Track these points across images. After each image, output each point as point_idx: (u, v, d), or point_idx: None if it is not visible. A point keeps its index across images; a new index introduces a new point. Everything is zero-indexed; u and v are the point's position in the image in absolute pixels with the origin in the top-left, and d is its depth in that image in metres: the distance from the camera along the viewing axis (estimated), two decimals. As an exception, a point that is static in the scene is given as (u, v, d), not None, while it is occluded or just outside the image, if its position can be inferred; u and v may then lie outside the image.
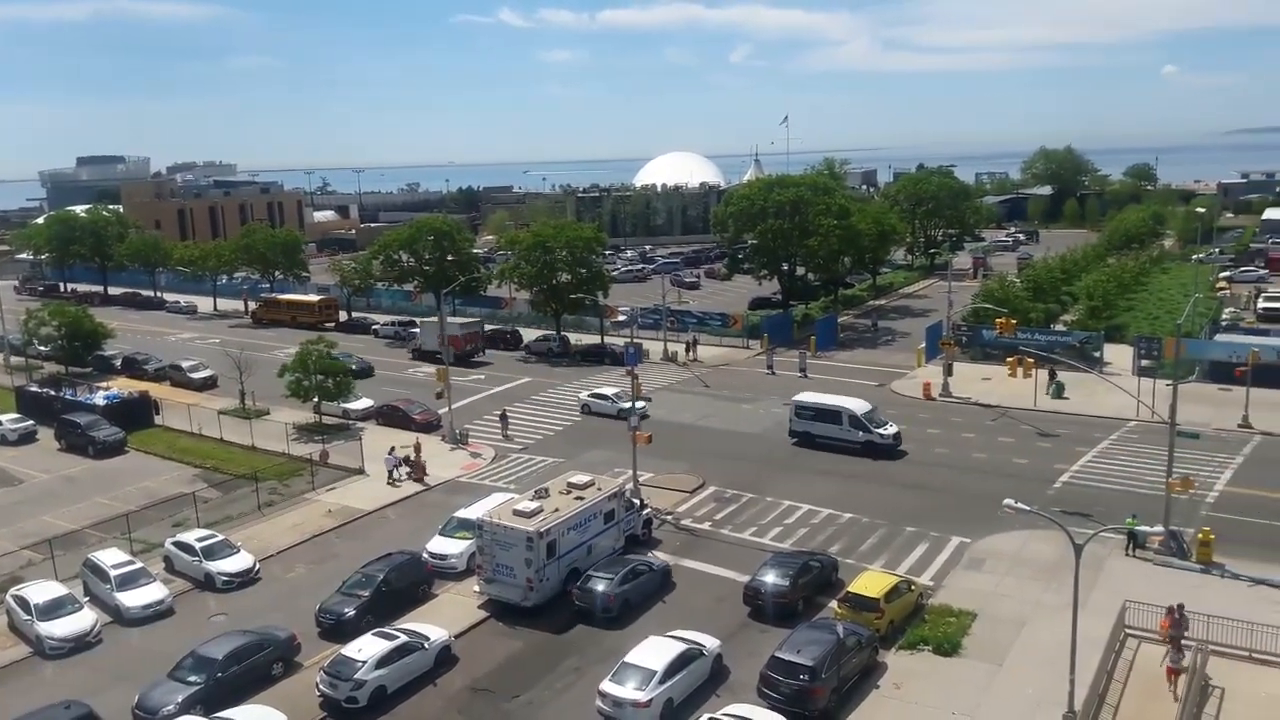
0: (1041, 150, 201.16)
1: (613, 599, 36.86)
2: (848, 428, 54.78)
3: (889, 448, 54.05)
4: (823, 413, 55.91)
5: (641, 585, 38.03)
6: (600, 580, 37.37)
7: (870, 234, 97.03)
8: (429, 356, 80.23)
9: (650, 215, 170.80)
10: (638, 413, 50.23)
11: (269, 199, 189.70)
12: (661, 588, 39.05)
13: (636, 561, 39.29)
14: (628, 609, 37.14)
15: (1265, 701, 29.29)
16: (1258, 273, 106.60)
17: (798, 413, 56.66)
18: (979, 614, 35.54)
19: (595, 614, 36.89)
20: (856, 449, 54.12)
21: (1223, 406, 58.44)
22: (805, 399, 57.69)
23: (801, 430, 56.41)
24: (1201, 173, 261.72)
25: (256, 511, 48.58)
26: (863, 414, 54.98)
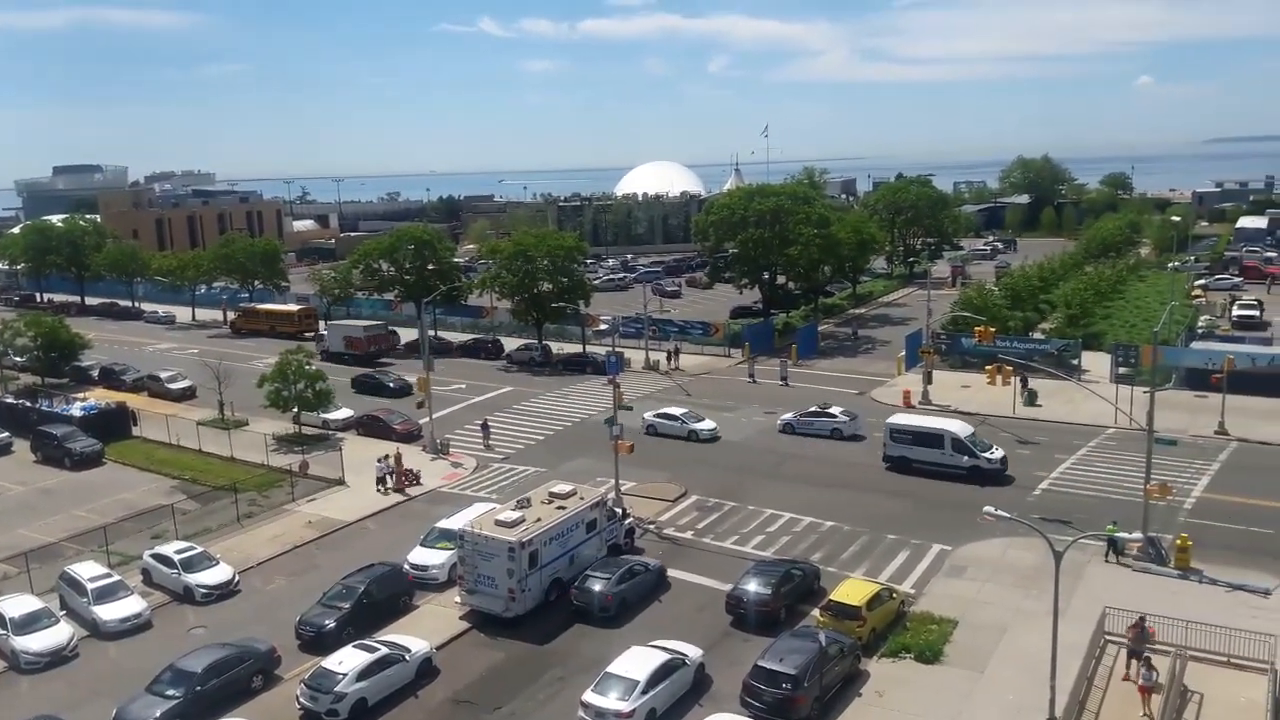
0: (1019, 160, 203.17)
1: (610, 598, 37.43)
2: (950, 452, 50.77)
3: (996, 473, 50.16)
4: (922, 436, 51.58)
5: (638, 585, 38.73)
6: (598, 580, 37.99)
7: (850, 243, 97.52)
8: (336, 358, 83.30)
9: (631, 224, 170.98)
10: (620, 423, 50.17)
11: (248, 208, 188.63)
12: (657, 587, 39.67)
13: (633, 562, 40.00)
14: (625, 608, 37.74)
15: (1243, 706, 29.50)
16: (1232, 280, 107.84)
17: (893, 436, 52.40)
18: (960, 621, 35.69)
19: (593, 613, 37.41)
20: (960, 475, 50.15)
21: (1199, 413, 59.02)
22: (902, 421, 53.48)
23: (897, 455, 52.19)
24: (1176, 182, 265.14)
25: (236, 523, 48.21)
26: (966, 437, 51.24)
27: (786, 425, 60.60)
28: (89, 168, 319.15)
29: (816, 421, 59.74)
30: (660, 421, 61.14)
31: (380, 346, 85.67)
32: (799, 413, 61.14)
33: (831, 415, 59.88)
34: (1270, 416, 58.82)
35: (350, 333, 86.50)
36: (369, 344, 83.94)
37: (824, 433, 59.14)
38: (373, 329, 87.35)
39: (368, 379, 74.79)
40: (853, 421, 59.47)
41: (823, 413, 60.30)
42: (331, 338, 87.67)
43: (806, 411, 60.92)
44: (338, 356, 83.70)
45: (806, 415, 60.44)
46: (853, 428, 59.17)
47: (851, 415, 60.20)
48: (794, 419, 60.55)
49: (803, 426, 59.73)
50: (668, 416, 61.47)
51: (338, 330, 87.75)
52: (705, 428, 59.93)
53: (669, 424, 60.79)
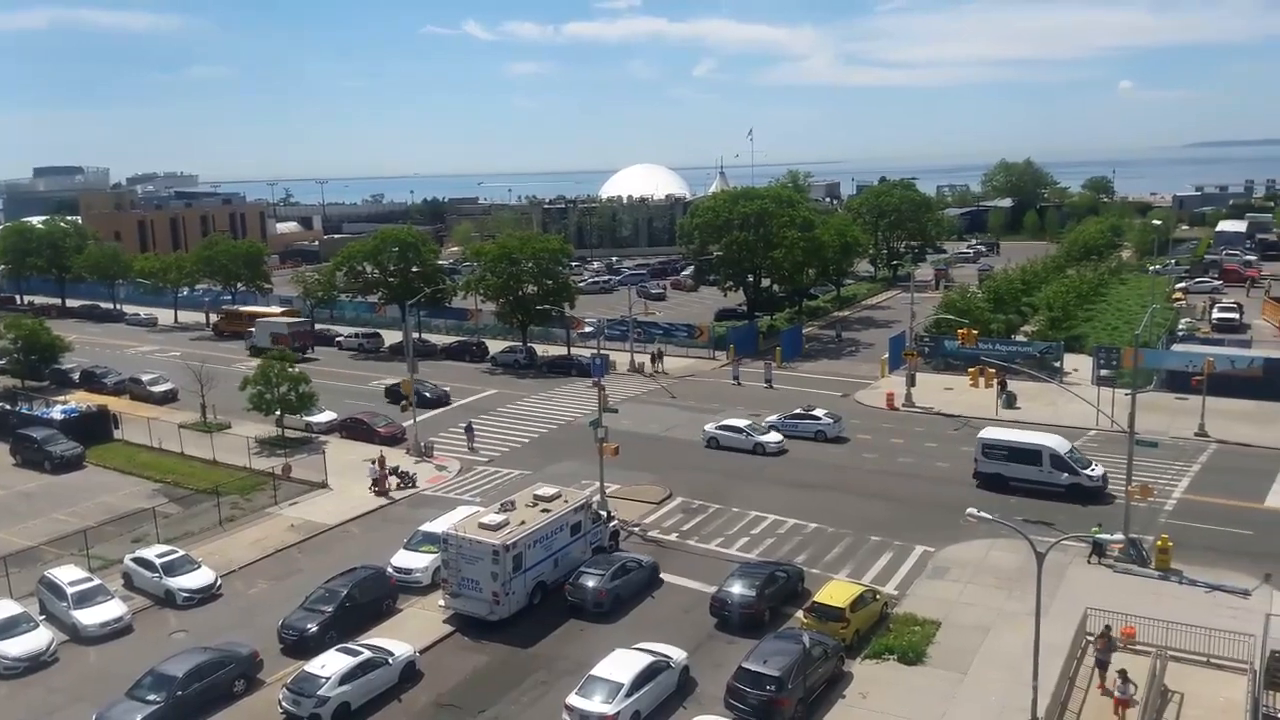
0: (1001, 163, 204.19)
1: (604, 594, 37.83)
2: (1049, 469, 48.11)
3: (1097, 491, 47.68)
4: (1018, 452, 48.72)
5: (631, 581, 39.18)
6: (591, 576, 38.45)
7: (834, 246, 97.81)
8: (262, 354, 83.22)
9: (616, 227, 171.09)
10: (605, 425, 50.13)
11: (231, 210, 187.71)
12: (650, 583, 40.05)
13: (626, 558, 40.46)
14: (618, 604, 38.18)
15: (1223, 706, 29.72)
16: (1212, 283, 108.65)
17: (986, 452, 49.67)
18: (943, 622, 35.83)
19: (587, 609, 37.76)
20: (1059, 493, 47.65)
21: (1180, 415, 59.46)
22: (995, 436, 50.43)
23: (991, 472, 49.27)
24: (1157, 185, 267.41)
25: (218, 526, 47.95)
26: (1065, 453, 48.66)
27: (771, 428, 60.71)
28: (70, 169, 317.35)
29: (801, 424, 59.91)
30: (723, 434, 58.30)
31: (304, 343, 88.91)
32: (783, 415, 61.28)
33: (816, 418, 60.05)
34: (1249, 418, 59.33)
35: (275, 329, 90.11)
36: (293, 340, 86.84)
37: (808, 435, 59.30)
38: (296, 325, 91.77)
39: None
40: (836, 424, 59.66)
41: (807, 415, 60.47)
42: (259, 334, 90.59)
43: (791, 414, 61.09)
44: (263, 352, 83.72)
45: (791, 418, 60.60)
46: (836, 430, 59.36)
47: (835, 417, 60.40)
48: (779, 421, 60.69)
49: (787, 429, 59.89)
50: (731, 429, 58.42)
51: (265, 327, 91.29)
52: (772, 440, 57.15)
53: (732, 436, 57.95)
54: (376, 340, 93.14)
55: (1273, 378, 63.40)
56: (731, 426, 58.78)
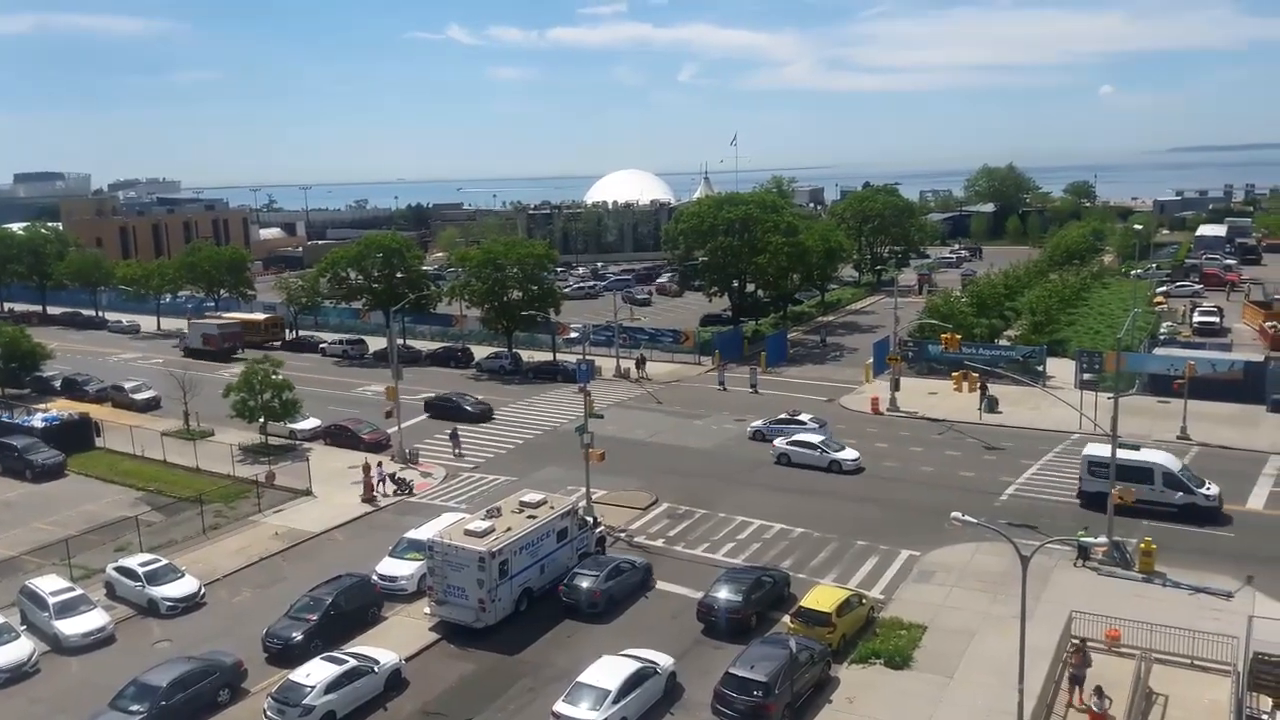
0: (984, 168, 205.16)
1: (598, 594, 38.30)
2: (1161, 488, 45.79)
3: (1212, 511, 45.40)
4: (1128, 470, 45.29)
5: (625, 581, 39.64)
6: (586, 577, 38.94)
7: (818, 251, 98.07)
8: (195, 354, 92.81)
9: (602, 232, 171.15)
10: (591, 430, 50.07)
11: (214, 216, 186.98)
12: (643, 584, 40.51)
13: (620, 560, 40.98)
14: (612, 604, 38.60)
15: (1207, 708, 29.90)
16: (1193, 287, 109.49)
17: (1092, 470, 46.94)
18: (929, 626, 35.93)
19: (581, 609, 38.20)
20: (1172, 513, 45.45)
21: (1162, 418, 59.85)
22: (1103, 453, 46.29)
23: (1096, 491, 45.81)
24: (1138, 190, 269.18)
25: (201, 535, 47.66)
26: (1179, 470, 46.56)
27: (757, 433, 60.81)
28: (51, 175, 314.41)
29: (786, 429, 60.04)
30: (795, 450, 55.17)
31: (234, 343, 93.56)
32: (769, 420, 61.38)
33: (801, 423, 60.16)
34: (1230, 421, 59.78)
35: (207, 330, 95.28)
36: (223, 340, 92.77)
37: None
38: (226, 327, 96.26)
39: (444, 402, 68.99)
40: (823, 428, 59.79)
41: (792, 420, 60.58)
42: (191, 336, 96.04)
43: (777, 419, 61.19)
44: (196, 353, 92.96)
45: (776, 422, 60.70)
46: (823, 435, 59.45)
47: (821, 422, 60.53)
48: (764, 426, 60.78)
49: (771, 433, 59.97)
50: (804, 444, 55.18)
51: (197, 328, 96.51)
52: (848, 458, 53.96)
53: (805, 453, 54.81)
54: (361, 346, 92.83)
55: (1252, 381, 63.91)
56: (804, 442, 55.35)
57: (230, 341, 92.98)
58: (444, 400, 68.91)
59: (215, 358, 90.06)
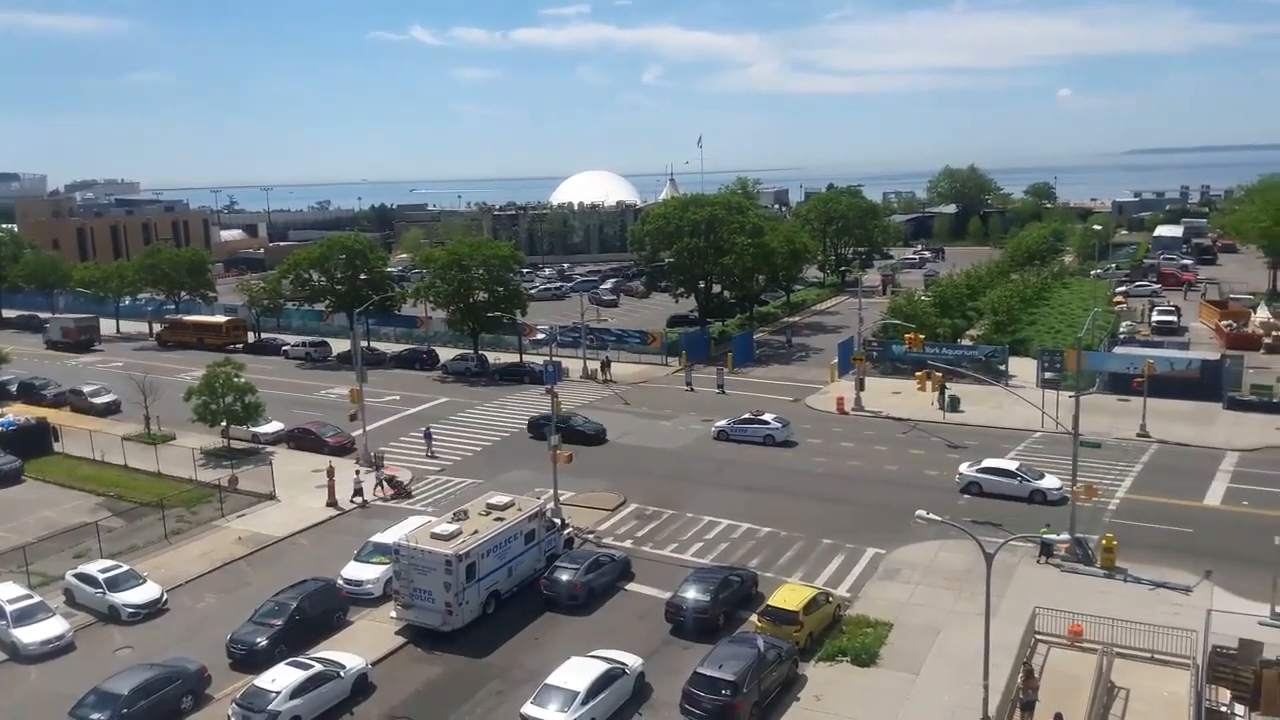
0: (946, 170, 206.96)
1: (579, 587, 39.01)
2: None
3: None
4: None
5: (604, 574, 40.41)
6: (566, 570, 39.72)
7: (783, 252, 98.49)
8: (54, 346, 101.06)
9: (568, 233, 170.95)
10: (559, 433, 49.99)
11: (174, 218, 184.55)
12: (622, 576, 41.25)
13: (599, 553, 42.03)
14: (593, 596, 39.35)
15: (1168, 700, 30.39)
16: (1151, 287, 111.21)
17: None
18: (895, 624, 36.23)
19: (562, 602, 38.91)
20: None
21: (1122, 416, 60.75)
22: None
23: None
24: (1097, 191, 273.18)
25: (163, 540, 47.01)
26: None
27: (721, 432, 61.03)
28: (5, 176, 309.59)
29: (750, 428, 60.33)
30: (987, 478, 49.10)
31: (89, 335, 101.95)
32: (733, 420, 61.65)
33: (765, 422, 60.48)
34: (1188, 418, 60.80)
35: (65, 324, 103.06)
36: (79, 334, 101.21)
37: (757, 439, 59.69)
38: (82, 321, 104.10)
39: (559, 424, 55.60)
40: (785, 428, 60.14)
41: (756, 419, 60.90)
42: (52, 330, 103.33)
43: (740, 418, 61.49)
44: (55, 344, 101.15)
45: (740, 422, 60.99)
46: (785, 434, 59.83)
47: (784, 422, 60.89)
48: (728, 426, 61.03)
49: (737, 433, 60.26)
50: (998, 472, 49.25)
51: (57, 323, 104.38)
52: (1051, 486, 48.04)
53: (1001, 482, 48.72)
54: (324, 349, 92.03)
55: (1209, 379, 65.05)
56: (999, 470, 49.55)
57: (86, 334, 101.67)
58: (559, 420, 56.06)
59: (72, 349, 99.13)
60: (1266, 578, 35.93)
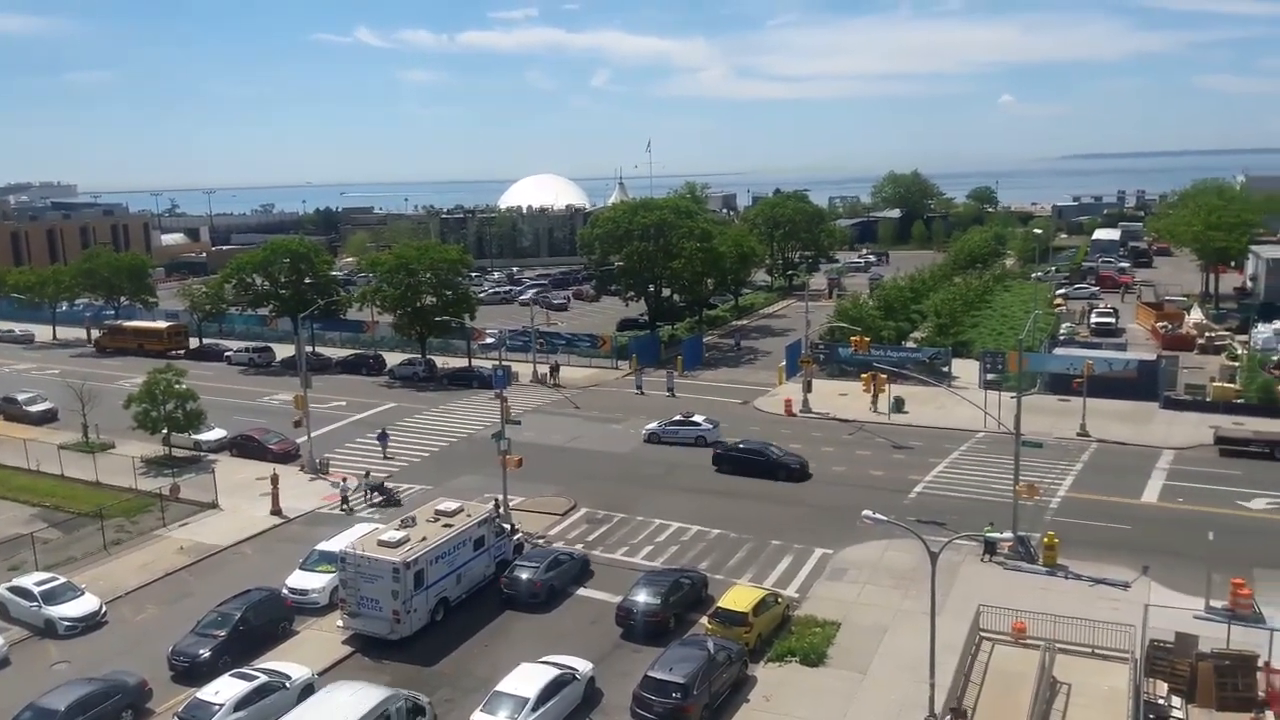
0: (890, 175, 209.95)
1: (539, 585, 39.29)
2: None
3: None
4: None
5: (564, 572, 40.78)
6: (525, 569, 39.98)
7: (731, 256, 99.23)
8: None
9: (517, 237, 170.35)
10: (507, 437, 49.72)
11: (113, 221, 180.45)
12: (581, 575, 41.60)
13: (558, 552, 42.26)
14: (553, 595, 39.65)
15: (1108, 694, 31.00)
16: (1090, 289, 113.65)
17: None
18: (843, 623, 36.58)
19: (522, 600, 39.22)
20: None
21: (1062, 416, 61.95)
22: None
23: None
24: (1037, 196, 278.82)
25: (102, 551, 45.97)
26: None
27: (652, 435, 61.07)
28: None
29: (681, 430, 60.53)
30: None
31: None
32: (664, 422, 61.82)
33: (695, 423, 60.80)
34: (1126, 418, 62.19)
35: None
36: None
37: (689, 440, 59.97)
38: None
39: (751, 455, 54.07)
40: (715, 429, 60.60)
41: (687, 421, 61.21)
42: None
43: (671, 420, 61.71)
44: None
45: (671, 424, 61.21)
46: (715, 434, 60.27)
47: (714, 423, 61.36)
48: (659, 428, 61.15)
49: (668, 435, 60.41)
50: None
51: None
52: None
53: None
54: (268, 354, 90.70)
55: (1146, 379, 66.61)
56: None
57: None
58: (747, 452, 54.39)
59: None
60: (1201, 572, 36.84)
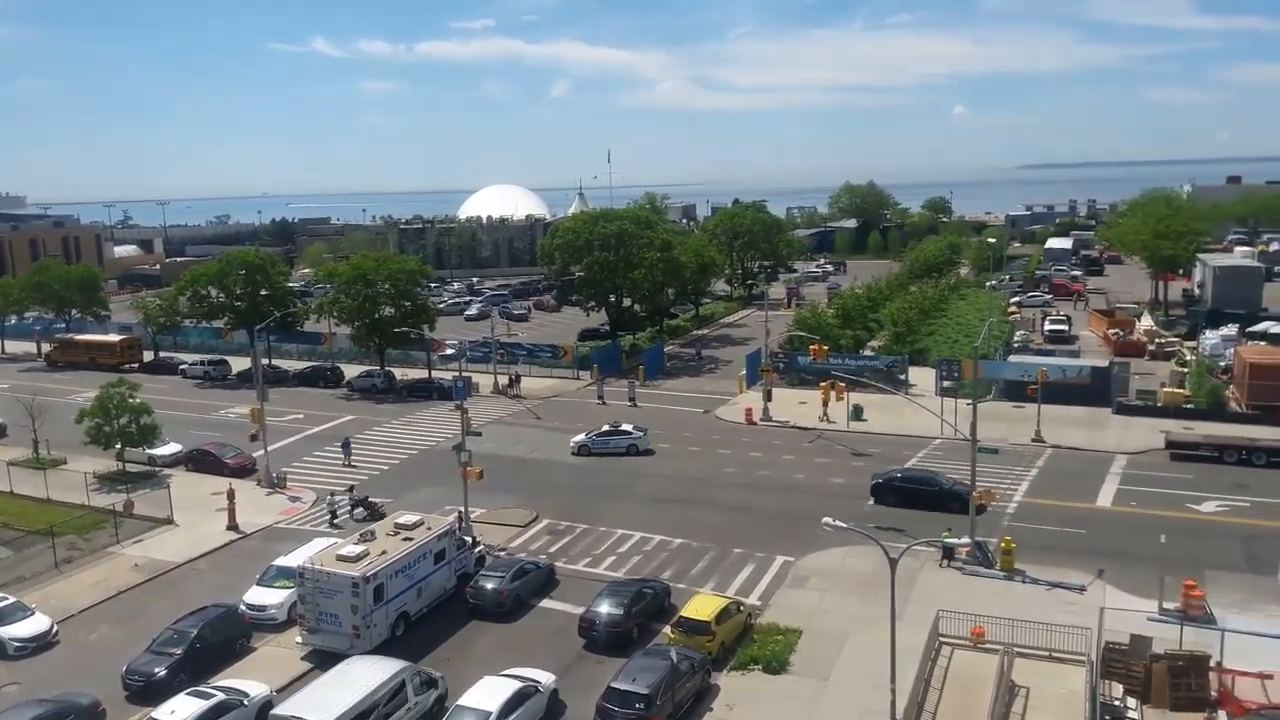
0: (846, 185, 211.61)
1: (505, 595, 39.25)
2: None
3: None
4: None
5: (530, 581, 40.74)
6: (491, 579, 39.93)
7: (691, 266, 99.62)
8: None
9: (476, 247, 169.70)
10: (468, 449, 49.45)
11: (63, 233, 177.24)
12: (547, 583, 41.60)
13: (524, 561, 42.18)
14: (519, 604, 39.64)
15: (1065, 697, 31.46)
16: (1043, 297, 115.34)
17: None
18: (804, 630, 36.77)
19: (488, 610, 39.14)
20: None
21: (1017, 423, 62.83)
22: None
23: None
24: (991, 205, 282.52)
25: (54, 569, 45.04)
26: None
27: (582, 447, 60.76)
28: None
29: (612, 440, 60.55)
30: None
31: None
32: (593, 433, 61.71)
33: (626, 432, 60.98)
34: (1080, 424, 63.20)
35: None
36: None
37: (620, 449, 60.10)
38: None
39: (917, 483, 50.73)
40: (645, 435, 60.95)
41: (617, 430, 61.31)
42: None
43: (600, 431, 61.64)
44: None
45: (602, 435, 61.19)
46: (646, 441, 60.56)
47: (643, 430, 61.67)
48: (589, 440, 61.01)
49: (599, 446, 60.40)
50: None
51: None
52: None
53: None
54: (223, 367, 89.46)
55: (1099, 385, 67.75)
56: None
57: None
58: (914, 481, 50.97)
59: None
60: (1154, 575, 37.50)
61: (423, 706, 31.96)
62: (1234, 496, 49.90)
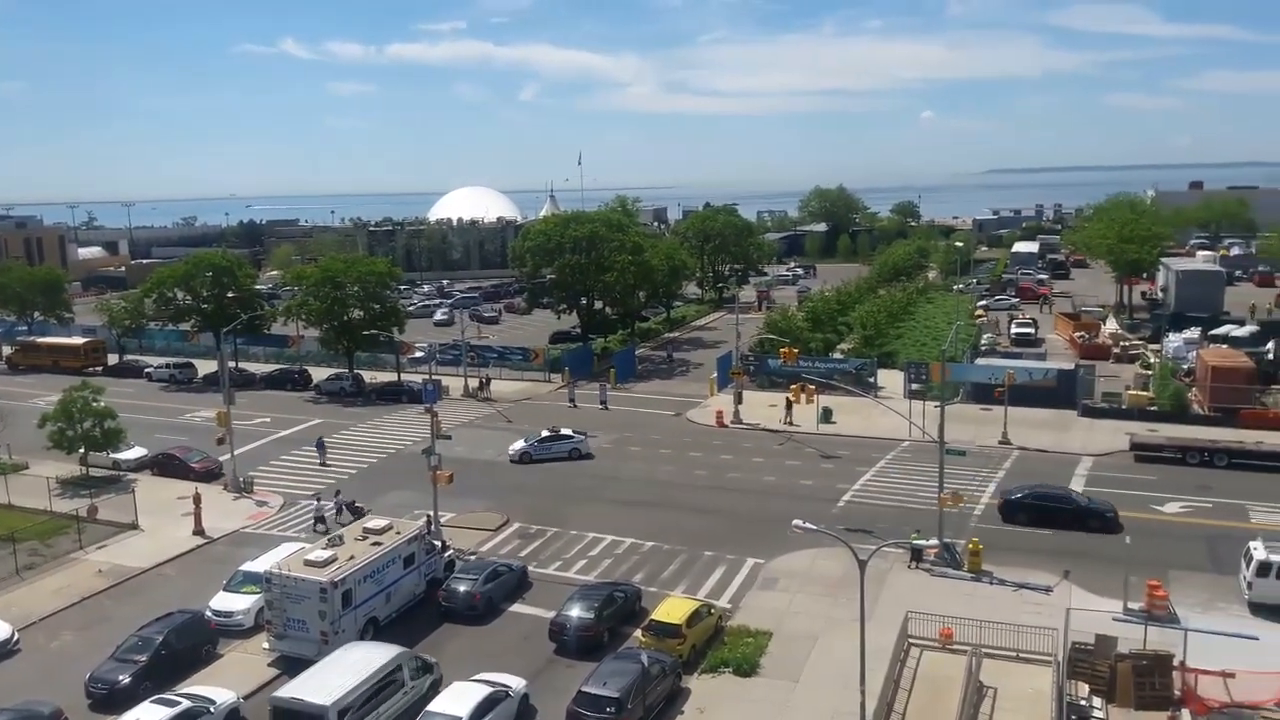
0: (816, 189, 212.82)
1: (478, 597, 39.20)
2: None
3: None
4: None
5: (503, 584, 40.70)
6: (464, 581, 39.85)
7: (662, 269, 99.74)
8: None
9: (447, 249, 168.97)
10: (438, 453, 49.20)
11: (26, 234, 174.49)
12: (520, 586, 41.57)
13: (497, 563, 42.11)
14: (491, 606, 39.59)
15: (1032, 696, 31.77)
16: (1010, 301, 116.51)
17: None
18: (775, 633, 36.88)
19: (460, 612, 39.09)
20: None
21: (985, 425, 63.39)
22: None
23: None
24: (959, 210, 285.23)
25: (15, 576, 44.31)
26: None
27: (523, 455, 60.05)
28: None
29: (555, 445, 60.35)
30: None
31: None
32: (534, 439, 61.06)
33: (569, 436, 60.95)
34: (1046, 426, 63.87)
35: None
36: None
37: (563, 454, 59.96)
38: None
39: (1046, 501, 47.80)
40: (585, 438, 61.03)
41: (559, 435, 61.12)
42: None
43: (543, 437, 61.12)
44: None
45: (544, 441, 60.75)
46: (587, 445, 60.64)
47: (583, 433, 61.80)
48: (530, 446, 60.36)
49: (541, 453, 60.01)
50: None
51: None
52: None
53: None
54: (189, 370, 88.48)
55: (1064, 387, 68.49)
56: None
57: None
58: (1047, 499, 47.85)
59: None
60: (1118, 575, 37.95)
61: (418, 691, 32.55)
62: (1197, 498, 50.62)
